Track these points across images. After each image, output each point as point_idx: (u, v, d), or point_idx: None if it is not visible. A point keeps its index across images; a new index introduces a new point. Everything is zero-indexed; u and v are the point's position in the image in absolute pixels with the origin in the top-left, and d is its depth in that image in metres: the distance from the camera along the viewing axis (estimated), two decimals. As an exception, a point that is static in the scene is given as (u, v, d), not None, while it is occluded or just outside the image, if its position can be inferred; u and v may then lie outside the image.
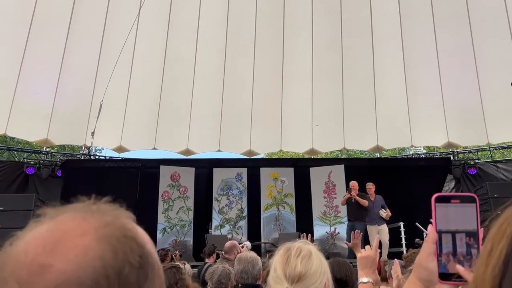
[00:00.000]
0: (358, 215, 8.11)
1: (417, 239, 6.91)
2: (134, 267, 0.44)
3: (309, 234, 3.24)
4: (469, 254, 0.73)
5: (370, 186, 8.29)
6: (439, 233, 0.75)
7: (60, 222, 0.45)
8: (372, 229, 8.05)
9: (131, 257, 0.45)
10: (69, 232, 0.44)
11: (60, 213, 0.46)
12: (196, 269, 5.65)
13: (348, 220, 8.48)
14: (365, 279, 1.60)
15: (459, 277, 0.73)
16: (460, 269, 0.72)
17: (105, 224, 0.46)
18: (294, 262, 1.16)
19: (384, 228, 8.03)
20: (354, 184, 8.34)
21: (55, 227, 0.44)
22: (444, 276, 0.74)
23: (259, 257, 2.93)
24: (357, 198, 8.09)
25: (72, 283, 0.41)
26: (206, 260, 5.61)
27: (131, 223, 0.49)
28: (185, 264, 4.58)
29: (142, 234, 0.50)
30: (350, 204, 8.24)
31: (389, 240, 7.91)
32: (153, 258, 0.48)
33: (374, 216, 8.04)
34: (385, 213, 8.01)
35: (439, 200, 0.76)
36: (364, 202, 8.02)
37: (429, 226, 0.76)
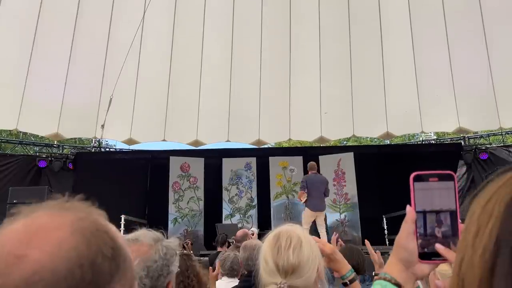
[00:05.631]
0: None
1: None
2: (107, 258, 0.47)
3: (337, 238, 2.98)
4: (448, 232, 0.72)
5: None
6: (418, 212, 0.74)
7: (35, 218, 0.47)
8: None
9: (104, 248, 0.47)
10: (45, 226, 0.46)
11: (35, 211, 0.48)
12: (206, 258, 5.71)
13: None
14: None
15: (438, 256, 0.72)
16: (439, 248, 0.72)
17: (79, 218, 0.48)
18: (286, 254, 1.13)
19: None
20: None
21: (31, 222, 0.47)
22: (424, 255, 0.74)
23: None
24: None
25: (46, 272, 0.42)
26: (219, 249, 5.67)
27: (103, 219, 0.52)
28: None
29: (114, 229, 0.52)
30: None
31: (394, 226, 7.79)
32: (125, 251, 0.51)
33: None
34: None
35: (417, 178, 0.75)
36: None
37: (408, 206, 0.75)
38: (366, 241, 2.47)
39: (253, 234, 5.01)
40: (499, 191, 0.46)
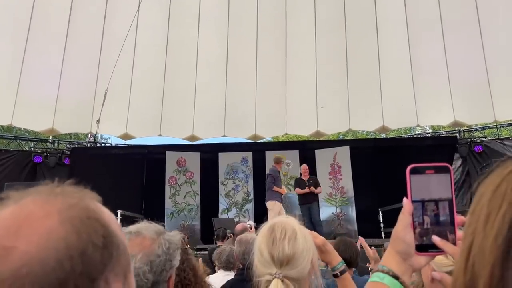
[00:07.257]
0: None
1: None
2: (98, 247, 0.45)
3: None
4: (445, 222, 0.73)
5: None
6: (415, 204, 0.74)
7: (24, 205, 0.46)
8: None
9: (94, 237, 0.45)
10: (33, 215, 0.45)
11: (24, 196, 0.47)
12: (204, 252, 5.71)
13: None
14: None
15: (435, 248, 0.73)
16: (436, 240, 0.72)
17: (68, 206, 0.46)
18: (281, 245, 1.14)
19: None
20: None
21: (19, 210, 0.45)
22: (421, 247, 0.74)
23: None
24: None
25: (35, 264, 0.41)
26: (219, 243, 5.65)
27: (95, 204, 0.50)
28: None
29: (107, 215, 0.50)
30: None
31: (390, 220, 7.82)
32: (118, 238, 0.49)
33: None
34: None
35: (414, 171, 0.75)
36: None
37: (405, 198, 0.75)
38: (360, 238, 2.47)
39: (251, 228, 5.02)
40: (510, 176, 0.45)
